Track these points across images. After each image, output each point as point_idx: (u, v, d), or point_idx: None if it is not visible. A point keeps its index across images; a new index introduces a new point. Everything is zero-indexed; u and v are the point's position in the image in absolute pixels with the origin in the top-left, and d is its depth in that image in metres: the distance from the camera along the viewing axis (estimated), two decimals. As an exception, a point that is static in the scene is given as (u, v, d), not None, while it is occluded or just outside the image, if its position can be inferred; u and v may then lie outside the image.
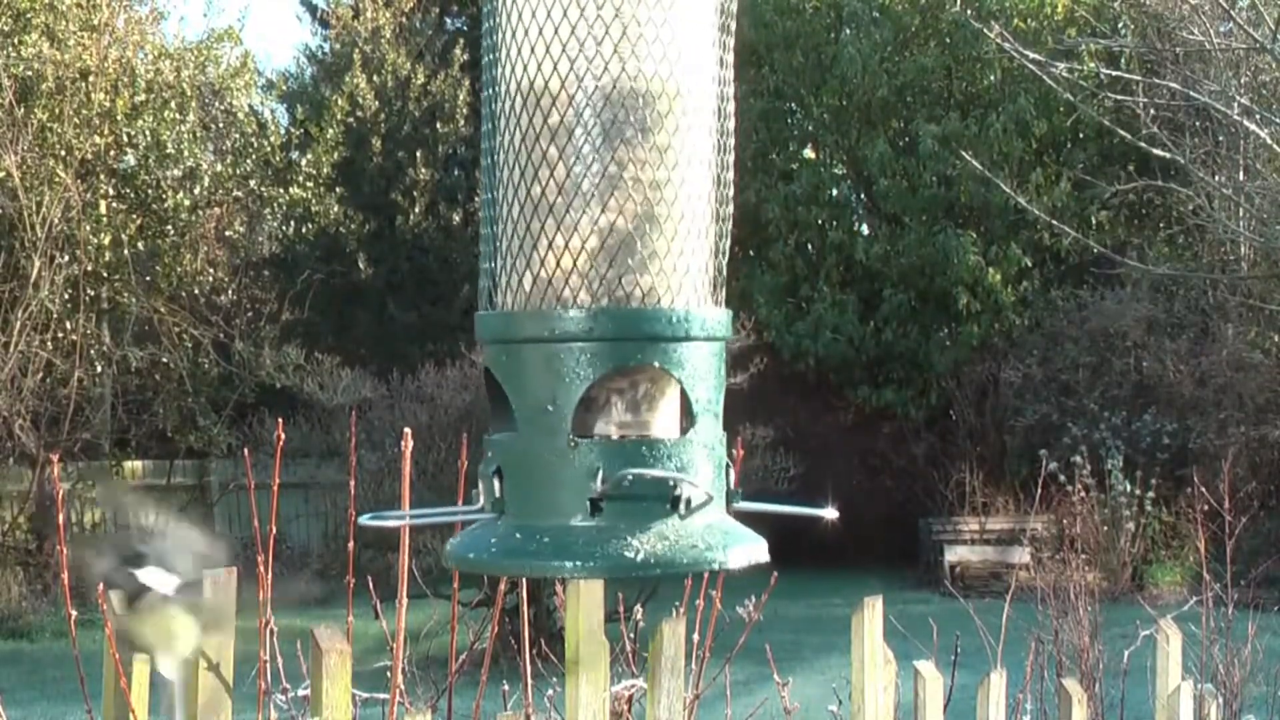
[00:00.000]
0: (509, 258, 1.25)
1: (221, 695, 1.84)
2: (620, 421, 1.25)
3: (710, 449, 1.25)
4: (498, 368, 1.25)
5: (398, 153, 15.95)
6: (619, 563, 1.19)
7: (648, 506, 1.21)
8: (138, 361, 13.47)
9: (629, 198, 1.22)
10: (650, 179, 1.23)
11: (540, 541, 1.21)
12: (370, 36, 16.37)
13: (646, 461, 1.21)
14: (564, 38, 1.21)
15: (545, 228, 1.22)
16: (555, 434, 1.21)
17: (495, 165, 1.27)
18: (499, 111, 1.26)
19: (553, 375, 1.21)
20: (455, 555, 1.28)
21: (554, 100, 1.22)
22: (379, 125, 15.96)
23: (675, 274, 1.24)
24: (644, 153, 1.23)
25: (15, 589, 11.87)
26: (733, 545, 1.22)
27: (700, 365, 1.24)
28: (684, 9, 1.24)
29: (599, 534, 1.20)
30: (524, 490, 1.23)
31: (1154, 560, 12.56)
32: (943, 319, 14.88)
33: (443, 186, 16.28)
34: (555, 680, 2.56)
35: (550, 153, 1.22)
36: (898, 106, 15.49)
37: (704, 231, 1.27)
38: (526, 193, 1.23)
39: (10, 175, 12.36)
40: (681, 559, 1.20)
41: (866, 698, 2.46)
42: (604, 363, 1.21)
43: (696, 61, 1.26)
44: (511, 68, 1.25)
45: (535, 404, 1.22)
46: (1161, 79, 11.12)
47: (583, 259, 1.22)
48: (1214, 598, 4.69)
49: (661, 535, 1.20)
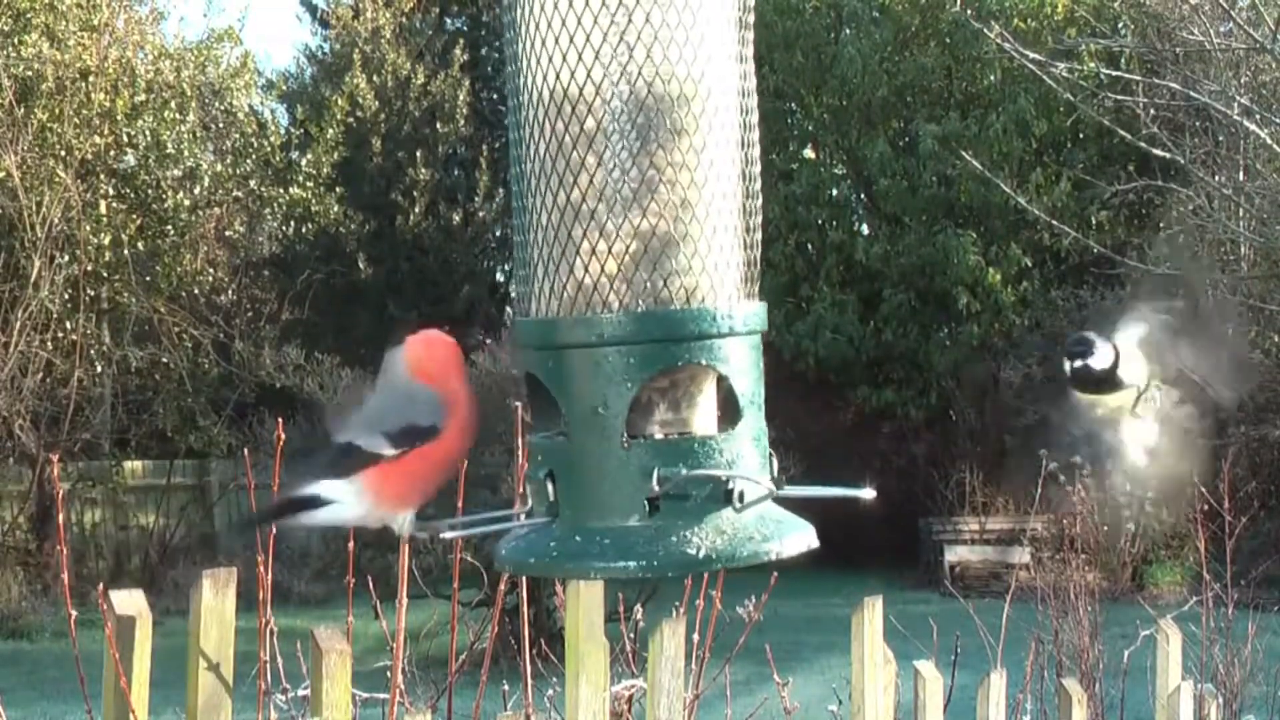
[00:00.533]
0: (548, 264, 1.26)
1: (221, 695, 1.84)
2: (662, 420, 1.27)
3: (756, 440, 1.27)
4: (543, 373, 1.26)
5: (398, 153, 15.95)
6: (681, 560, 1.20)
7: (703, 503, 1.22)
8: (138, 361, 13.46)
9: (667, 200, 1.23)
10: (688, 180, 1.24)
11: (601, 543, 1.22)
12: (370, 36, 16.36)
13: (699, 458, 1.23)
14: (596, 44, 1.22)
15: (588, 233, 1.23)
16: (609, 436, 1.22)
17: (524, 174, 1.28)
18: (525, 120, 1.27)
19: (602, 378, 1.22)
20: (513, 560, 1.28)
21: (590, 106, 1.23)
22: (379, 125, 15.96)
23: (714, 272, 1.26)
24: (677, 154, 1.24)
25: (15, 589, 11.87)
26: (787, 534, 1.24)
27: (743, 360, 1.26)
28: (709, 7, 1.24)
29: (658, 533, 1.21)
30: (579, 492, 1.24)
31: (1154, 560, 12.56)
32: (943, 319, 14.88)
33: (443, 186, 16.28)
34: (555, 680, 2.56)
35: (586, 159, 1.23)
36: (898, 106, 15.49)
37: (736, 227, 1.28)
38: (566, 199, 1.24)
39: (10, 175, 12.36)
40: (741, 551, 1.21)
41: (866, 698, 2.46)
42: (652, 364, 1.22)
43: (722, 59, 1.27)
44: (537, 75, 1.25)
45: (587, 407, 1.23)
46: (1161, 79, 11.12)
47: (626, 262, 1.23)
48: (1214, 598, 4.69)
49: (719, 530, 1.22)
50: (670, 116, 1.23)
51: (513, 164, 1.30)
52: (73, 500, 13.03)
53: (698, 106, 1.24)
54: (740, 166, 1.29)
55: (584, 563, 1.24)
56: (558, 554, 1.23)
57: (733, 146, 1.28)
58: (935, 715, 2.58)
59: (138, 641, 1.80)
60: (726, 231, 1.27)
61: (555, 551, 1.23)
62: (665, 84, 1.23)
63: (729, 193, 1.27)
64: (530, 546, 1.26)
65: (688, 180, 1.24)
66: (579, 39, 1.22)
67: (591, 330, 1.22)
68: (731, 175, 1.28)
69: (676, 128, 1.23)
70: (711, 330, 1.23)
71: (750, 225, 1.30)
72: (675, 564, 1.20)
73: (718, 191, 1.26)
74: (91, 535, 13.64)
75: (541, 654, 2.88)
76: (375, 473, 1.32)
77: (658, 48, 1.22)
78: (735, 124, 1.28)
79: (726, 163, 1.27)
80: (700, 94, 1.24)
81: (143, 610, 1.82)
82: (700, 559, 1.20)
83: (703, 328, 1.23)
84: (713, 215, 1.25)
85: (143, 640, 1.81)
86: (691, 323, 1.23)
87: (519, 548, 1.27)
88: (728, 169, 1.27)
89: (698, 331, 1.23)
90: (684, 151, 1.24)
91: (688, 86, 1.24)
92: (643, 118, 1.23)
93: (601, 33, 1.22)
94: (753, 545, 1.22)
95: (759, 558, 1.22)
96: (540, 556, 1.25)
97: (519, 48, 1.27)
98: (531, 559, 1.26)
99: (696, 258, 1.24)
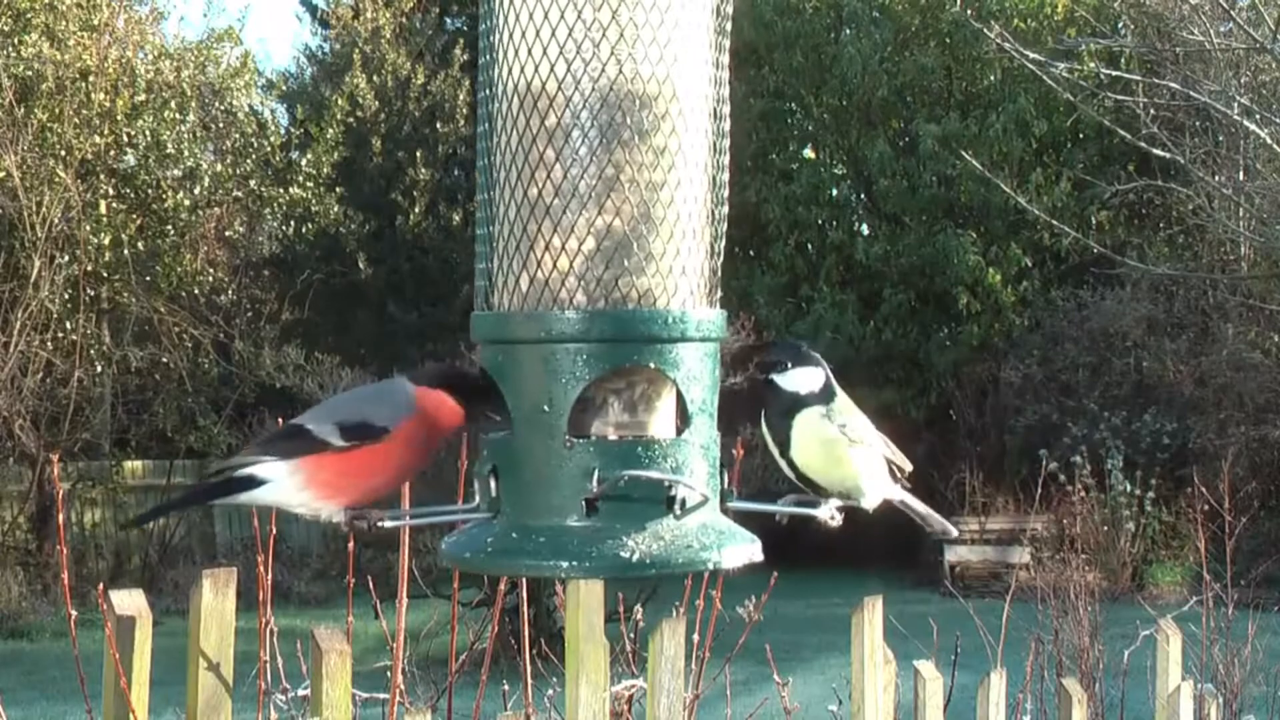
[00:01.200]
0: (505, 258, 1.25)
1: (221, 695, 1.84)
2: (617, 422, 1.26)
3: (705, 449, 1.25)
4: (494, 368, 1.25)
5: (398, 153, 15.95)
6: (614, 563, 1.19)
7: (643, 507, 1.21)
8: (138, 361, 13.46)
9: (625, 199, 1.22)
10: (647, 181, 1.23)
11: (536, 541, 1.21)
12: (370, 36, 16.36)
13: (642, 462, 1.21)
14: (561, 40, 1.22)
15: (542, 229, 1.23)
16: (551, 434, 1.21)
17: (492, 166, 1.27)
18: (496, 112, 1.26)
19: (549, 375, 1.21)
20: (451, 554, 1.28)
21: (551, 102, 1.22)
22: (379, 125, 15.96)
23: (671, 275, 1.24)
24: (641, 154, 1.23)
25: (15, 589, 11.86)
26: (727, 545, 1.23)
27: (695, 366, 1.24)
28: (681, 11, 1.24)
29: (594, 534, 1.20)
30: (520, 490, 1.23)
31: (1154, 560, 12.56)
32: (943, 319, 14.88)
33: (443, 186, 16.27)
34: (555, 680, 2.56)
35: (548, 154, 1.23)
36: (898, 106, 15.49)
37: (699, 233, 1.27)
38: (524, 194, 1.24)
39: (10, 175, 12.35)
40: (676, 559, 1.20)
41: (866, 697, 2.46)
42: (600, 364, 1.21)
43: (693, 63, 1.26)
44: (509, 69, 1.25)
45: (531, 404, 1.22)
46: (1161, 79, 11.11)
47: (579, 260, 1.22)
48: (1214, 598, 4.68)
49: (657, 535, 1.21)
50: (635, 116, 1.22)
51: (479, 156, 1.30)
52: (73, 500, 13.02)
53: (661, 108, 1.23)
54: (710, 173, 1.28)
55: (517, 560, 1.23)
56: (493, 550, 1.23)
57: (701, 152, 1.27)
58: (935, 715, 2.58)
59: (138, 641, 1.80)
60: (688, 236, 1.25)
61: (491, 548, 1.23)
62: (630, 82, 1.22)
63: (694, 197, 1.26)
64: (468, 542, 1.26)
65: (646, 180, 1.23)
66: (551, 34, 1.22)
67: (540, 326, 1.22)
68: (698, 180, 1.26)
69: (641, 128, 1.22)
70: (662, 334, 1.22)
71: (716, 233, 1.29)
72: (608, 566, 1.19)
73: (681, 196, 1.24)
74: (91, 535, 13.63)
75: (541, 654, 2.88)
76: (315, 460, 1.29)
77: (624, 46, 1.22)
78: (705, 130, 1.27)
79: (693, 167, 1.26)
80: (665, 95, 1.23)
81: (143, 610, 1.82)
82: (634, 563, 1.18)
83: (653, 330, 1.22)
84: (673, 218, 1.24)
85: (143, 640, 1.81)
86: (641, 324, 1.22)
87: (459, 542, 1.27)
88: (694, 174, 1.26)
89: (647, 334, 1.22)
90: (645, 151, 1.23)
91: (652, 87, 1.23)
92: (607, 116, 1.22)
93: (568, 28, 1.21)
94: (690, 553, 1.20)
95: (695, 566, 1.21)
96: (476, 552, 1.25)
97: (493, 39, 1.27)
98: (467, 554, 1.26)
99: (652, 260, 1.23)
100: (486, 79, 1.28)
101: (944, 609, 8.49)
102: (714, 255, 1.29)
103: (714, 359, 1.27)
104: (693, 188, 1.26)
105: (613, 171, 1.22)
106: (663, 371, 1.23)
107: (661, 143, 1.23)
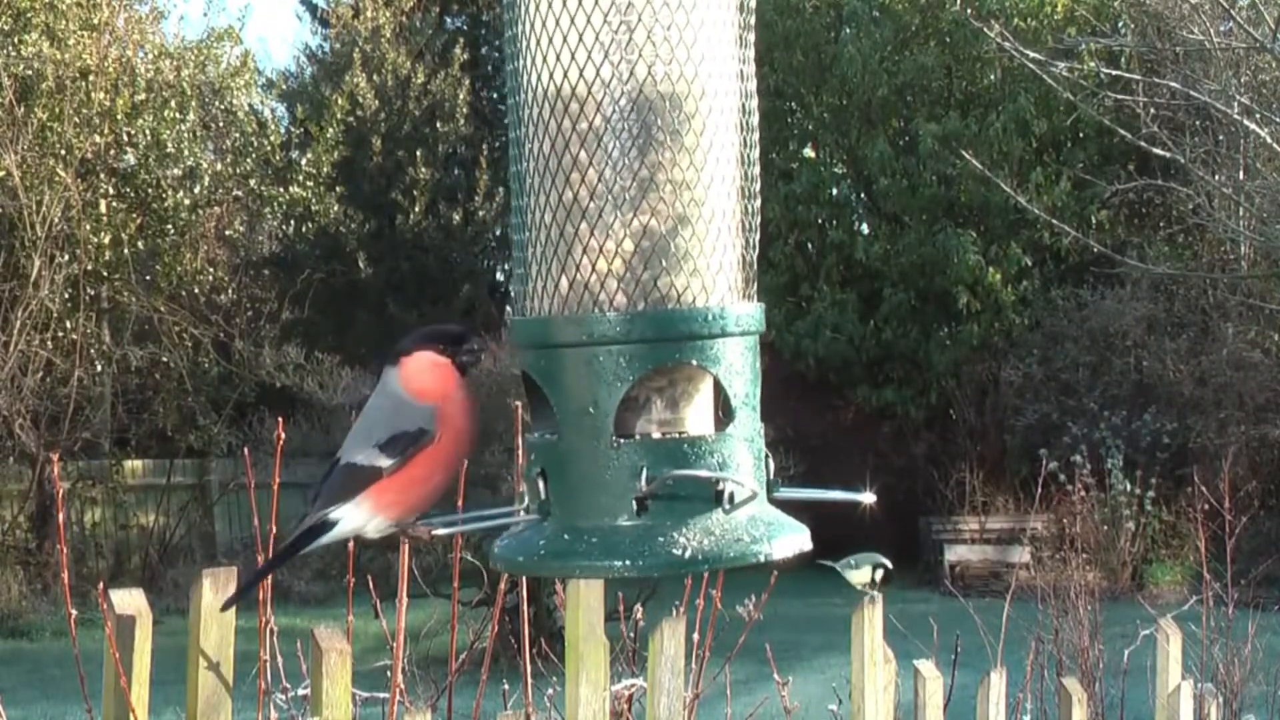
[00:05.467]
0: (543, 263, 1.26)
1: (221, 695, 1.84)
2: (660, 419, 1.27)
3: (750, 442, 1.26)
4: (536, 372, 1.26)
5: (398, 152, 15.95)
6: (667, 560, 1.20)
7: (692, 503, 1.22)
8: (138, 361, 13.46)
9: (661, 199, 1.24)
10: (681, 179, 1.24)
11: (589, 542, 1.22)
12: (370, 36, 16.37)
13: (689, 458, 1.22)
14: (589, 43, 1.22)
15: (580, 232, 1.24)
16: (598, 436, 1.22)
17: (523, 172, 1.28)
18: (525, 118, 1.27)
19: (593, 378, 1.22)
20: (504, 558, 1.29)
21: (583, 105, 1.23)
22: (379, 125, 15.96)
23: (708, 272, 1.25)
24: (674, 154, 1.24)
25: (15, 589, 11.87)
26: (777, 536, 1.24)
27: (736, 360, 1.26)
28: (707, 10, 1.25)
29: (646, 533, 1.21)
30: (569, 492, 1.24)
31: (1154, 560, 12.56)
32: (943, 318, 14.88)
33: (443, 186, 16.28)
34: (555, 680, 2.56)
35: (581, 157, 1.24)
36: (898, 106, 15.48)
37: (734, 228, 1.28)
38: (559, 198, 1.24)
39: (10, 175, 12.36)
40: (728, 553, 1.21)
41: (866, 697, 2.46)
42: (643, 364, 1.22)
43: (721, 60, 1.27)
44: (538, 74, 1.25)
45: (577, 407, 1.23)
46: (1161, 78, 11.12)
47: (618, 262, 1.23)
48: (1214, 597, 4.68)
49: (707, 531, 1.22)
50: (668, 116, 1.23)
51: (511, 163, 1.30)
52: (73, 500, 13.02)
53: (692, 106, 1.24)
54: (740, 169, 1.29)
55: (570, 561, 1.24)
56: (545, 552, 1.24)
57: (732, 149, 1.28)
58: (935, 715, 2.58)
59: (138, 641, 1.80)
60: (723, 233, 1.27)
61: (543, 550, 1.24)
62: (664, 84, 1.23)
63: (727, 194, 1.27)
64: (521, 545, 1.27)
65: (680, 179, 1.24)
66: (580, 37, 1.23)
67: (582, 329, 1.22)
68: (730, 177, 1.28)
69: (674, 128, 1.24)
70: (703, 330, 1.23)
71: (749, 226, 1.30)
72: (661, 564, 1.20)
73: (715, 193, 1.26)
74: (91, 534, 13.63)
75: (541, 653, 2.88)
76: (378, 487, 1.34)
77: (653, 48, 1.23)
78: (735, 126, 1.29)
79: (725, 164, 1.27)
80: (696, 94, 1.24)
81: (143, 610, 1.82)
82: (686, 559, 1.20)
83: (693, 328, 1.23)
84: (708, 216, 1.25)
85: (143, 640, 1.81)
86: (682, 323, 1.23)
87: (510, 545, 1.28)
88: (726, 170, 1.27)
89: (688, 331, 1.23)
90: (678, 151, 1.24)
91: (682, 86, 1.24)
92: (641, 117, 1.23)
93: (593, 31, 1.22)
94: (740, 547, 1.21)
95: (747, 559, 1.22)
96: (529, 555, 1.25)
97: (520, 45, 1.27)
98: (520, 557, 1.27)
99: (689, 258, 1.24)
100: (513, 85, 1.29)
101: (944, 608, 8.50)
102: (749, 249, 1.30)
103: (754, 352, 1.28)
104: (725, 184, 1.27)
105: (647, 172, 1.23)
106: (705, 368, 1.24)
107: (693, 141, 1.25)
